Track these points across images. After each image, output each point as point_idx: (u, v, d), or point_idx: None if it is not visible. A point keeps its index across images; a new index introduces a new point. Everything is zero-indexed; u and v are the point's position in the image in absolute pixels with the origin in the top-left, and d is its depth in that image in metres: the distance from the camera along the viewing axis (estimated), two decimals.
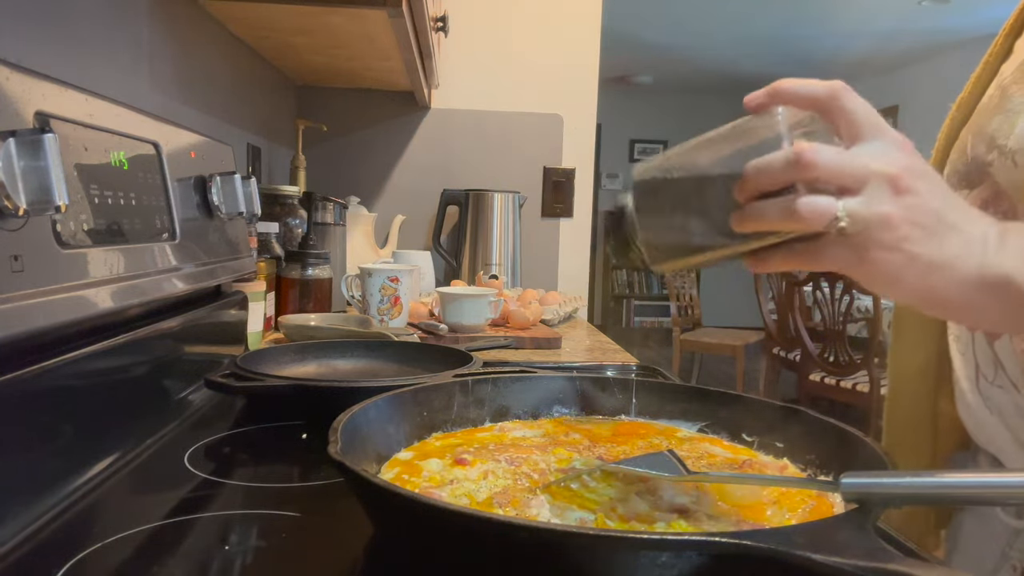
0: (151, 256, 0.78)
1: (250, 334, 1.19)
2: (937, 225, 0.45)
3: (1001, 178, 0.63)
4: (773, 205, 0.45)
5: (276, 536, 0.55)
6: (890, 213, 0.44)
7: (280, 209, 1.58)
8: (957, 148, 0.70)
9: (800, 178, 0.44)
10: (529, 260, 2.23)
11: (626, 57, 6.36)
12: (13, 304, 0.52)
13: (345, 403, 0.60)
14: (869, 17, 5.14)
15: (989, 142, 0.64)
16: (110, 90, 0.76)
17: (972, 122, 0.69)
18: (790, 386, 4.41)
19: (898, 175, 0.44)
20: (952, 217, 0.46)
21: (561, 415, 0.74)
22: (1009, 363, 0.64)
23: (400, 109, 2.20)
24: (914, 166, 0.46)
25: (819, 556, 0.36)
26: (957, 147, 0.70)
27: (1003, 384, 0.65)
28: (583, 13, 2.22)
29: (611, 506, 0.52)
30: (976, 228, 0.47)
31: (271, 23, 1.39)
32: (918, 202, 0.45)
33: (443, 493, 0.54)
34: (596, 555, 0.40)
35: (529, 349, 1.39)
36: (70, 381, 0.62)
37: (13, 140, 0.51)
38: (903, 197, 0.44)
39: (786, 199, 0.44)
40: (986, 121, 0.66)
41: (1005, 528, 0.67)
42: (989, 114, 0.66)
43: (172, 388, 0.86)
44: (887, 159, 0.45)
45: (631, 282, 8.25)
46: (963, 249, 0.46)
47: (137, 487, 0.65)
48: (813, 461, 0.61)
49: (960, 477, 0.49)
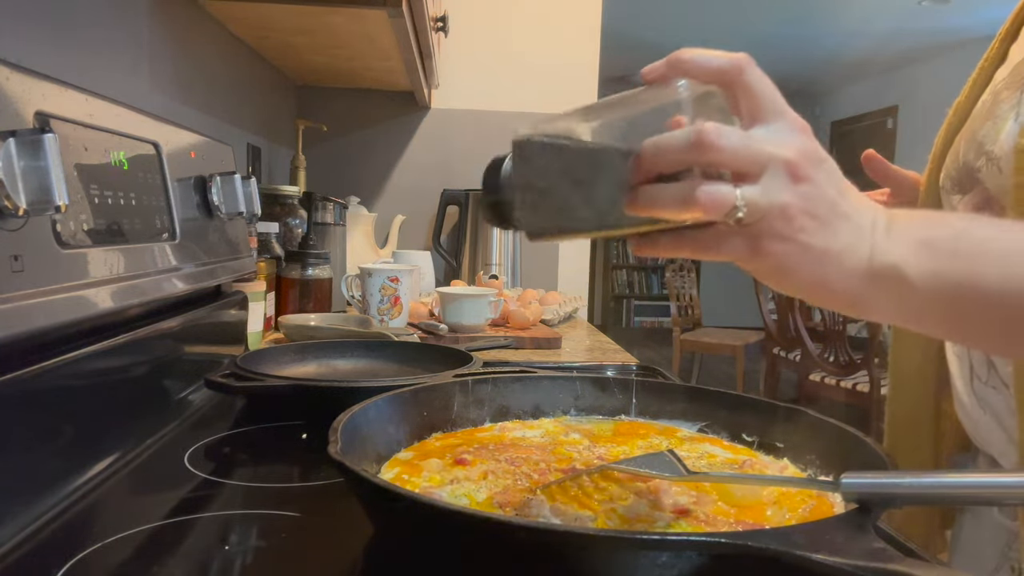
0: (151, 256, 0.78)
1: (250, 334, 1.19)
2: (831, 215, 0.43)
3: (989, 184, 0.63)
4: (669, 191, 0.42)
5: (276, 536, 0.55)
6: (788, 203, 0.42)
7: (280, 209, 1.58)
8: (952, 154, 0.70)
9: (700, 160, 0.41)
10: (529, 260, 2.23)
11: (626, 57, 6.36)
12: (13, 304, 0.52)
13: (345, 403, 0.60)
14: (869, 17, 5.14)
15: (978, 148, 0.64)
16: (110, 90, 0.76)
17: (966, 127, 0.69)
18: (790, 386, 4.41)
19: (796, 162, 0.42)
20: (845, 206, 0.44)
21: (561, 415, 0.74)
22: (1001, 363, 0.64)
23: (400, 109, 2.20)
24: (811, 151, 0.43)
25: (819, 556, 0.36)
26: (952, 152, 0.70)
27: (996, 384, 0.65)
28: (583, 13, 2.22)
29: (611, 506, 0.52)
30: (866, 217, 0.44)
31: (271, 23, 1.39)
32: (815, 191, 0.42)
33: (443, 493, 0.54)
34: (596, 555, 0.40)
35: (529, 349, 1.39)
36: (70, 381, 0.62)
37: (13, 140, 0.51)
38: (800, 185, 0.42)
39: (684, 185, 0.41)
40: (978, 127, 0.66)
41: (1003, 529, 0.68)
42: (981, 120, 0.66)
43: (172, 388, 0.86)
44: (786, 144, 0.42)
45: (631, 282, 8.25)
46: (854, 238, 0.44)
47: (137, 487, 0.65)
48: (813, 461, 0.61)
49: (960, 477, 0.49)
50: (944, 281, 0.44)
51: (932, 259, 0.44)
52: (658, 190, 0.42)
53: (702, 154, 0.41)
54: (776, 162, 0.42)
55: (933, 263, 0.44)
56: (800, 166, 0.42)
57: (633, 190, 0.43)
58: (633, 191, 0.43)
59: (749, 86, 0.43)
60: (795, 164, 0.42)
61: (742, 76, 0.43)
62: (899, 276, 0.44)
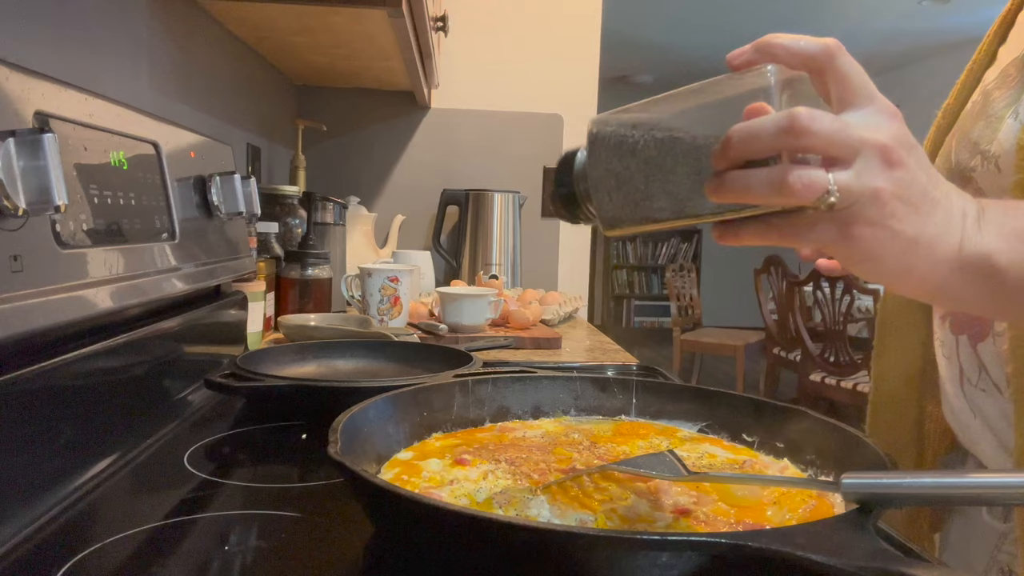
0: (151, 256, 0.78)
1: (250, 334, 1.19)
2: (923, 201, 0.43)
3: (984, 183, 0.63)
4: (759, 176, 0.41)
5: (276, 536, 0.55)
6: (880, 188, 0.41)
7: (280, 209, 1.58)
8: (942, 155, 0.70)
9: (793, 145, 0.41)
10: (529, 260, 2.23)
11: (626, 57, 6.37)
12: (13, 304, 0.52)
13: (345, 403, 0.60)
14: (869, 17, 5.14)
15: (972, 148, 0.64)
16: (110, 90, 0.76)
17: (956, 128, 0.69)
18: (790, 386, 4.41)
19: (889, 146, 0.41)
20: (936, 193, 0.43)
21: (561, 415, 0.74)
22: (992, 366, 0.64)
23: (400, 109, 2.20)
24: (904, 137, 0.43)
25: (819, 556, 0.36)
26: (942, 154, 0.70)
27: (986, 388, 0.65)
28: (583, 13, 2.22)
29: (611, 506, 0.51)
30: (956, 205, 0.44)
31: (271, 23, 1.39)
32: (908, 177, 0.42)
33: (443, 493, 0.54)
34: (596, 555, 0.40)
35: (529, 349, 1.39)
36: (70, 381, 0.62)
37: (13, 140, 0.50)
38: (893, 170, 0.42)
39: (775, 170, 0.41)
40: (970, 127, 0.66)
41: (992, 531, 0.67)
42: (972, 120, 0.66)
43: (172, 388, 0.86)
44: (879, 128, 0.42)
45: (631, 282, 8.25)
46: (945, 227, 0.43)
47: (137, 487, 0.65)
48: (813, 461, 0.61)
49: (961, 477, 0.48)
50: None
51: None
52: (747, 175, 0.41)
53: (796, 139, 0.40)
54: (869, 147, 0.41)
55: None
56: (893, 151, 0.42)
57: (718, 177, 0.42)
58: (718, 178, 0.42)
59: (841, 70, 0.42)
60: (888, 149, 0.42)
61: (834, 61, 0.42)
62: (990, 266, 0.44)
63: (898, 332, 0.79)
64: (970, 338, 0.66)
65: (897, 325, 0.80)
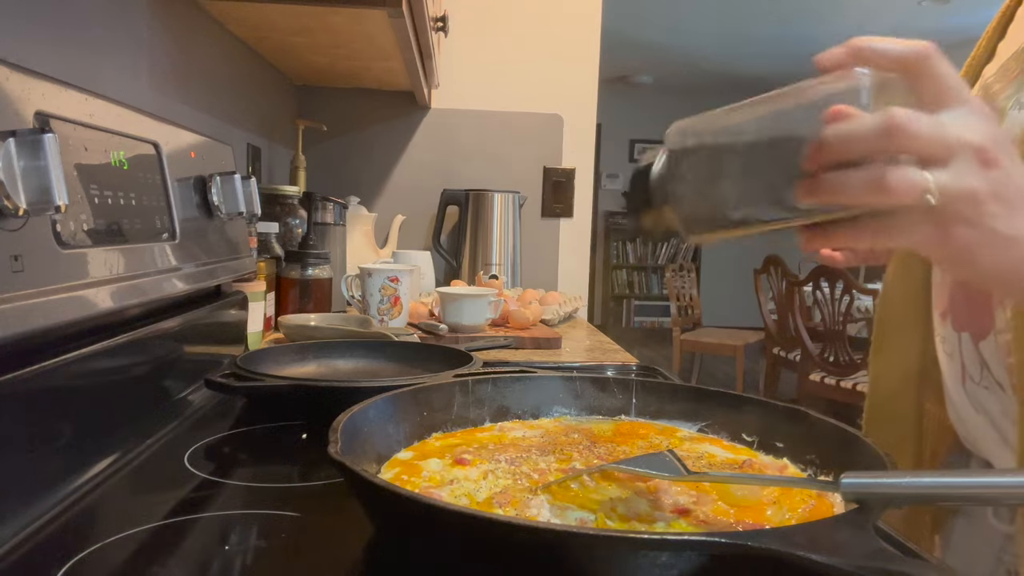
0: (151, 256, 0.78)
1: (250, 334, 1.19)
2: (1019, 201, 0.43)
3: None
4: (857, 177, 0.41)
5: (276, 536, 0.55)
6: (977, 188, 0.42)
7: (280, 209, 1.58)
8: None
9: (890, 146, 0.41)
10: (529, 260, 2.23)
11: (626, 57, 6.36)
12: (13, 304, 0.52)
13: (345, 403, 0.60)
14: (869, 17, 5.14)
15: None
16: (110, 90, 0.76)
17: None
18: (790, 386, 4.41)
19: (986, 147, 0.42)
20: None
21: (561, 415, 0.74)
22: (994, 363, 0.64)
23: (400, 109, 2.20)
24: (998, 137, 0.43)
25: (819, 556, 0.36)
26: None
27: (989, 385, 0.65)
28: (583, 13, 2.22)
29: (611, 506, 0.51)
30: None
31: (271, 23, 1.39)
32: (1004, 177, 0.42)
33: (443, 493, 0.54)
34: (596, 555, 0.40)
35: (529, 349, 1.39)
36: (70, 381, 0.62)
37: (13, 140, 0.50)
38: (989, 171, 0.42)
39: (873, 171, 0.41)
40: None
41: (996, 533, 0.67)
42: None
43: (172, 388, 0.86)
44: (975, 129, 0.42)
45: (631, 282, 8.25)
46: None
47: (137, 487, 0.65)
48: (813, 461, 0.61)
49: (961, 477, 0.48)
50: None
51: None
52: (845, 176, 0.41)
53: (893, 140, 0.40)
54: (965, 147, 0.42)
55: None
56: (989, 151, 0.42)
57: (811, 179, 0.42)
58: (813, 179, 0.42)
59: (935, 72, 0.43)
60: (984, 149, 0.42)
61: (928, 63, 0.43)
62: None
63: (897, 330, 0.79)
64: (972, 335, 0.66)
65: (896, 323, 0.80)
